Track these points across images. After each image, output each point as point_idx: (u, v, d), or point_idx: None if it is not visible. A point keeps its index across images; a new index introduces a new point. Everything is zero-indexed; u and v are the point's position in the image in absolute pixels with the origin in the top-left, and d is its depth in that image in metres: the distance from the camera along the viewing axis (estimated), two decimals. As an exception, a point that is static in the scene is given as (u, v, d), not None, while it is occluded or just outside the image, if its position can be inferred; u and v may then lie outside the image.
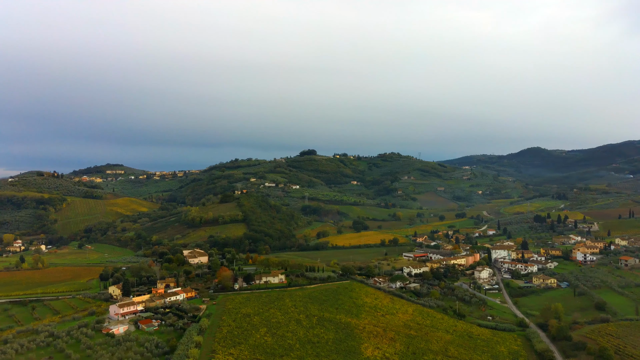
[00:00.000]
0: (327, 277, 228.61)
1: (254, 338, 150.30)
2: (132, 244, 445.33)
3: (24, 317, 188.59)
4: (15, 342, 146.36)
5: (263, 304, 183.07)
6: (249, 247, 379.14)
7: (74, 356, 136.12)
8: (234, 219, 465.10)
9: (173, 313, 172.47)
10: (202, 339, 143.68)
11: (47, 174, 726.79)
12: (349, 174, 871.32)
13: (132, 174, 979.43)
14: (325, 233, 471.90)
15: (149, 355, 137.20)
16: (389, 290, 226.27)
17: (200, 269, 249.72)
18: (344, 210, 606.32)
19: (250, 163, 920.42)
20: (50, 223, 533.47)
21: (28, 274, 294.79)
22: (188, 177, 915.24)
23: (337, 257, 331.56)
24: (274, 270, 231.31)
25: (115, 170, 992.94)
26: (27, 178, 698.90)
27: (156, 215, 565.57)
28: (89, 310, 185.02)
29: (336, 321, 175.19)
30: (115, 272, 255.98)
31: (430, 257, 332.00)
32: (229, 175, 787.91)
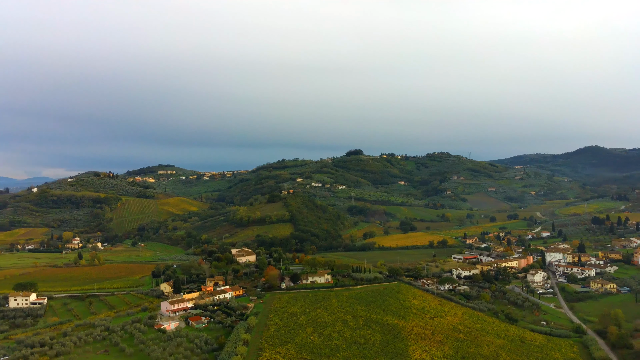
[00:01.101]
0: (374, 278, 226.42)
1: (301, 337, 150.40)
2: (182, 242, 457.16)
3: (82, 312, 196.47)
4: (73, 335, 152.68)
5: (310, 303, 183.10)
6: (295, 247, 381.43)
7: (128, 350, 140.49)
8: (280, 219, 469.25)
9: (222, 311, 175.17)
10: (249, 337, 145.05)
11: (104, 175, 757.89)
12: (396, 174, 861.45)
13: (183, 174, 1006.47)
14: (372, 234, 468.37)
15: (199, 351, 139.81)
16: (438, 293, 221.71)
17: (248, 268, 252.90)
18: (391, 210, 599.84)
19: (296, 163, 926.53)
20: (106, 222, 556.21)
21: (85, 270, 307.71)
22: (236, 177, 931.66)
23: (384, 258, 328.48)
24: (320, 270, 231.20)
25: (167, 171, 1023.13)
26: (85, 178, 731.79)
27: (205, 214, 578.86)
28: (142, 306, 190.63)
29: (383, 323, 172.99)
30: (167, 269, 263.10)
31: (480, 259, 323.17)
32: (276, 175, 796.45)
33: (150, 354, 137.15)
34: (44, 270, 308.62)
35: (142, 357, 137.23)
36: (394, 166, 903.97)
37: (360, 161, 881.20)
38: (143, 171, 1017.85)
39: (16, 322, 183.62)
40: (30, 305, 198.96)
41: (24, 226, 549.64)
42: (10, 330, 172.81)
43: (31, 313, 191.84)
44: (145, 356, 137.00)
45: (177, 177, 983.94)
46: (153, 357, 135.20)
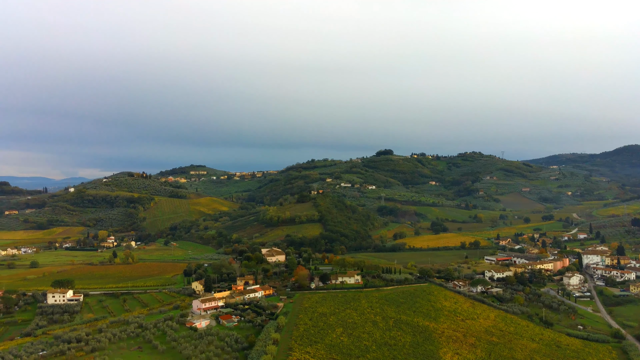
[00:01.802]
0: (404, 279, 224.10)
1: (330, 337, 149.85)
2: (213, 241, 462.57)
3: (116, 309, 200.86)
4: (108, 332, 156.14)
5: (339, 303, 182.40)
6: (324, 247, 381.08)
7: (160, 347, 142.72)
8: (310, 219, 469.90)
9: (252, 310, 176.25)
10: (279, 337, 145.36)
11: (137, 175, 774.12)
12: (427, 174, 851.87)
13: (214, 175, 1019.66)
14: (402, 234, 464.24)
15: (229, 349, 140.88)
16: (470, 295, 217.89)
17: (278, 267, 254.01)
18: (422, 211, 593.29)
19: (326, 163, 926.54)
20: (139, 221, 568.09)
21: (120, 268, 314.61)
22: (266, 177, 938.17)
23: (415, 259, 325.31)
24: (350, 271, 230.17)
25: (199, 171, 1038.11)
26: (119, 178, 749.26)
27: (236, 214, 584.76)
28: (174, 304, 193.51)
29: (413, 324, 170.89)
30: (198, 268, 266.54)
31: (514, 261, 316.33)
32: (306, 175, 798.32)
33: (182, 351, 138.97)
34: (80, 268, 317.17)
35: (174, 354, 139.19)
36: (425, 166, 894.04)
37: (390, 161, 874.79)
38: (175, 171, 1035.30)
39: (54, 318, 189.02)
40: (67, 302, 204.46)
41: (62, 225, 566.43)
42: (49, 326, 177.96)
43: (68, 309, 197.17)
44: (177, 354, 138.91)
45: (209, 177, 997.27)
46: (185, 354, 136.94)
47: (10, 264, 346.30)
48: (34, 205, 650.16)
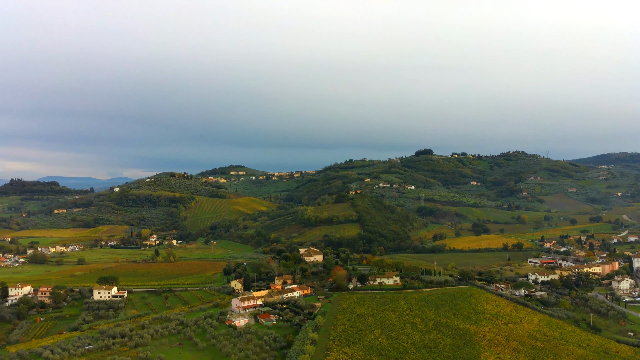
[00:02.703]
0: (444, 281, 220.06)
1: (369, 339, 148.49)
2: (252, 241, 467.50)
3: (158, 306, 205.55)
4: (151, 328, 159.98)
5: (377, 305, 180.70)
6: (362, 248, 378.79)
7: (200, 345, 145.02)
8: (348, 219, 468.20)
9: (290, 309, 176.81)
10: (317, 336, 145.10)
11: (178, 175, 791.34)
12: (468, 174, 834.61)
13: (253, 175, 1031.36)
14: (442, 235, 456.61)
15: (267, 348, 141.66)
16: (512, 298, 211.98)
17: (316, 267, 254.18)
18: (463, 212, 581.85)
19: (364, 163, 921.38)
20: (180, 220, 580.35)
21: (162, 266, 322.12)
22: (304, 177, 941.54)
23: (455, 261, 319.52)
24: (388, 272, 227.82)
25: (238, 171, 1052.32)
26: (161, 178, 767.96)
27: (274, 214, 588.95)
28: (214, 302, 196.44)
29: (454, 327, 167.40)
30: (237, 267, 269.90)
31: (559, 264, 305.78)
32: (344, 175, 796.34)
33: (221, 349, 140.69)
34: (124, 266, 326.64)
35: (213, 351, 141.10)
36: (466, 166, 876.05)
37: (430, 161, 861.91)
38: (215, 172, 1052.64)
39: (99, 314, 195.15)
40: (112, 298, 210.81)
41: (107, 223, 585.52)
42: (94, 321, 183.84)
43: (113, 305, 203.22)
44: (217, 351, 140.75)
45: (248, 177, 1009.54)
46: (224, 352, 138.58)
47: (59, 260, 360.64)
48: (81, 205, 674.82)
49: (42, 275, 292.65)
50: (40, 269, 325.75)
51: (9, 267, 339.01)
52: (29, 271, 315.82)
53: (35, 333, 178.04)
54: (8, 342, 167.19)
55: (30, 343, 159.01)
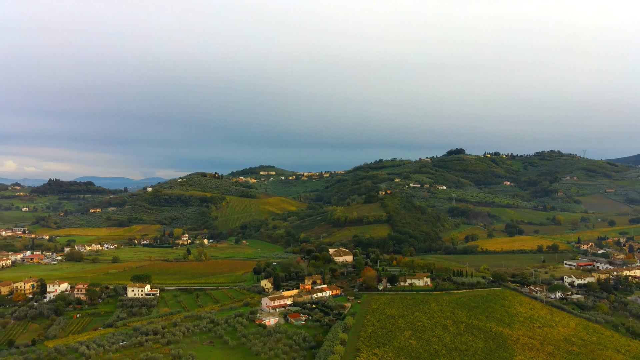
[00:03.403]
0: (476, 282, 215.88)
1: (399, 340, 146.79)
2: (281, 240, 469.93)
3: (190, 304, 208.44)
4: (182, 326, 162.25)
5: (408, 306, 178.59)
6: (392, 248, 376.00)
7: (231, 343, 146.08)
8: (377, 220, 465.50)
9: (319, 309, 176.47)
10: (347, 337, 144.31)
11: (209, 175, 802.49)
12: (501, 174, 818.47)
13: (283, 175, 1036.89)
14: (474, 236, 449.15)
15: (297, 348, 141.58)
16: (547, 301, 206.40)
17: (345, 268, 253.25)
18: (496, 212, 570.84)
19: (394, 163, 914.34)
20: (211, 219, 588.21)
21: (193, 265, 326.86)
22: (333, 177, 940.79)
23: (487, 263, 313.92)
24: (419, 273, 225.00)
25: (268, 171, 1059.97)
26: (192, 179, 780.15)
27: (304, 214, 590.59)
28: (244, 301, 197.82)
29: (486, 330, 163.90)
30: (267, 266, 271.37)
31: (597, 266, 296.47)
32: (373, 175, 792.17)
33: (251, 347, 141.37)
34: (157, 264, 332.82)
35: (244, 350, 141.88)
36: (499, 166, 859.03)
37: (461, 161, 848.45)
38: (245, 172, 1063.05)
39: (133, 311, 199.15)
40: (145, 296, 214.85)
41: (140, 223, 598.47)
42: (128, 318, 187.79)
43: (146, 303, 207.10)
44: (247, 350, 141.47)
45: (277, 177, 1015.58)
46: (254, 351, 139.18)
47: (95, 258, 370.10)
48: (116, 204, 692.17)
49: (78, 272, 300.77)
50: (77, 267, 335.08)
51: (47, 265, 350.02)
52: (66, 268, 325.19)
53: (72, 329, 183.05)
54: (46, 337, 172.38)
55: (67, 338, 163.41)
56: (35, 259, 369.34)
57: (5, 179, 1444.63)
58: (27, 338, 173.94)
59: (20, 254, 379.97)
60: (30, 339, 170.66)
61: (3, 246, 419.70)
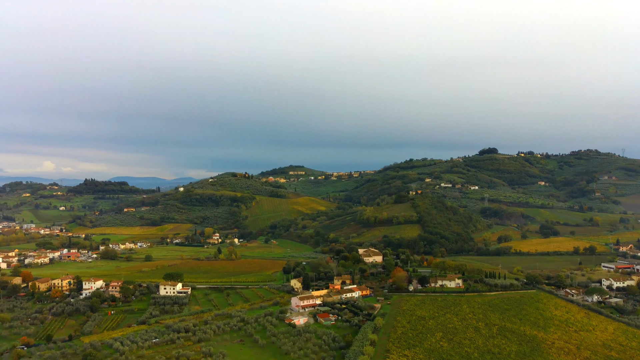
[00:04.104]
0: (510, 284, 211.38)
1: (429, 342, 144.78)
2: (311, 240, 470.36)
3: (220, 302, 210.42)
4: (213, 324, 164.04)
5: (439, 308, 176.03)
6: (423, 249, 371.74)
7: (261, 342, 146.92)
8: (408, 220, 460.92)
9: (349, 309, 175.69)
10: (376, 338, 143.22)
11: (240, 175, 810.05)
12: (536, 173, 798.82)
13: (312, 175, 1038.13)
14: (507, 237, 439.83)
15: (326, 348, 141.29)
16: (584, 304, 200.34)
17: (375, 268, 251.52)
18: (530, 213, 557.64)
19: (425, 163, 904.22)
20: (241, 219, 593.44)
21: (223, 264, 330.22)
22: (363, 177, 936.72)
23: (521, 264, 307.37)
24: (450, 274, 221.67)
25: (297, 171, 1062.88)
26: (223, 179, 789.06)
27: (333, 214, 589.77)
28: (274, 300, 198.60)
29: (520, 333, 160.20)
30: (296, 266, 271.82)
31: (636, 269, 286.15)
32: (403, 175, 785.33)
33: (281, 346, 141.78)
34: (188, 263, 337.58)
35: (273, 349, 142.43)
36: (533, 165, 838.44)
37: (494, 160, 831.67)
38: (275, 172, 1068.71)
39: (165, 309, 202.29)
40: (177, 294, 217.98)
41: (172, 222, 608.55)
42: (160, 316, 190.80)
43: (177, 301, 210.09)
44: (277, 349, 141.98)
45: (307, 177, 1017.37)
46: (284, 350, 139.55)
47: (129, 257, 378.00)
48: (149, 204, 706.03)
49: (112, 270, 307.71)
50: (111, 265, 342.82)
51: (83, 262, 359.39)
52: (101, 266, 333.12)
53: (106, 325, 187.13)
54: (82, 332, 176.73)
55: (102, 335, 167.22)
56: (72, 256, 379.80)
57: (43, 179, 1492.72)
58: (64, 333, 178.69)
59: (57, 251, 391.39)
60: (67, 334, 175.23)
61: (42, 244, 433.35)
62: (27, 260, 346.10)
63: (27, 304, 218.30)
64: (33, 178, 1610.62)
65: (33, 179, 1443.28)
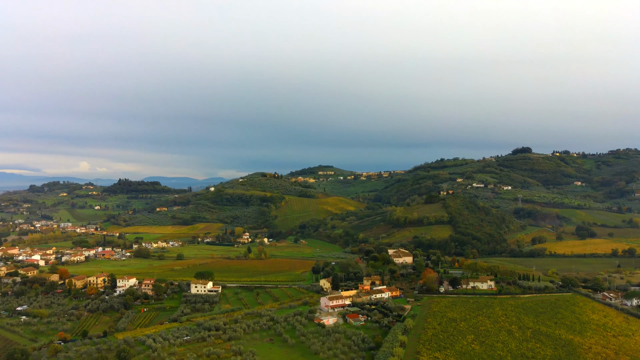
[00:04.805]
0: (544, 287, 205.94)
1: (461, 344, 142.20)
2: (340, 240, 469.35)
3: (250, 301, 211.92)
4: (243, 323, 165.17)
5: (470, 310, 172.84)
6: (454, 250, 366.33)
7: (290, 341, 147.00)
8: (439, 220, 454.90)
9: (378, 310, 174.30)
10: (406, 339, 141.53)
11: (269, 175, 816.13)
12: (571, 173, 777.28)
13: (341, 175, 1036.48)
14: (542, 239, 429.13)
15: (356, 348, 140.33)
16: (623, 308, 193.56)
17: (405, 269, 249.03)
18: (565, 214, 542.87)
19: (456, 163, 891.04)
20: (271, 219, 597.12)
21: (253, 263, 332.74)
22: (393, 177, 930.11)
23: (556, 266, 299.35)
24: (482, 276, 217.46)
25: (326, 171, 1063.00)
26: (253, 179, 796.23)
27: (362, 214, 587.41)
28: (303, 300, 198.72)
29: (555, 337, 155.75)
30: (326, 266, 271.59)
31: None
32: (434, 175, 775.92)
33: (310, 346, 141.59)
34: (219, 262, 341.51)
35: (302, 349, 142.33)
36: (569, 165, 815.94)
37: (528, 160, 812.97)
38: (304, 172, 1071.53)
39: (196, 307, 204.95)
40: (207, 293, 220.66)
41: (203, 221, 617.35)
42: (192, 314, 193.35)
43: (208, 299, 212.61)
44: (306, 348, 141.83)
45: (336, 177, 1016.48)
46: (313, 350, 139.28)
47: (161, 255, 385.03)
48: (180, 203, 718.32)
49: (145, 268, 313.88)
50: (144, 263, 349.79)
51: (117, 260, 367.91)
52: (134, 264, 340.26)
53: (139, 322, 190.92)
54: (116, 329, 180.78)
55: (135, 331, 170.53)
56: (106, 254, 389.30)
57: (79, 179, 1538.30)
58: (99, 329, 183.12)
59: (93, 250, 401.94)
60: (102, 330, 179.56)
61: (78, 242, 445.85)
62: (64, 258, 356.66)
63: (64, 300, 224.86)
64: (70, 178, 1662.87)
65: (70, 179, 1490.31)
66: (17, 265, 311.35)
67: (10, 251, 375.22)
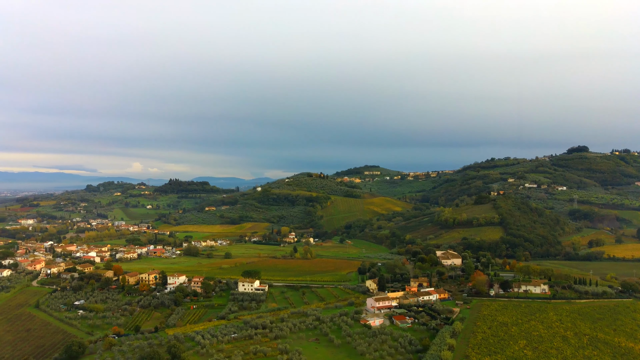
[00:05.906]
0: (602, 292, 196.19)
1: (512, 349, 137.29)
2: (386, 241, 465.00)
3: (296, 300, 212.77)
4: (289, 322, 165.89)
5: (522, 314, 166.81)
6: (505, 252, 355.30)
7: (336, 341, 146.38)
8: (489, 222, 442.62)
9: (426, 312, 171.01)
10: (455, 343, 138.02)
11: (315, 175, 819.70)
12: (633, 173, 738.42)
13: (387, 175, 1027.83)
14: (599, 242, 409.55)
15: (402, 350, 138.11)
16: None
17: (453, 271, 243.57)
18: (625, 216, 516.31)
19: (507, 162, 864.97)
20: (317, 219, 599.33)
21: (299, 263, 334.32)
22: (441, 177, 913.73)
23: (615, 271, 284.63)
24: (535, 279, 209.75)
25: (372, 171, 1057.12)
26: (299, 179, 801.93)
27: (409, 214, 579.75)
28: (349, 301, 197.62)
29: (614, 344, 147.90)
30: (372, 267, 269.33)
31: None
32: (484, 175, 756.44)
33: (356, 347, 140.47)
34: (265, 261, 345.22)
35: (348, 349, 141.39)
36: (629, 164, 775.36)
37: (584, 159, 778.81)
38: (350, 172, 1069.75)
39: (243, 305, 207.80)
40: (254, 291, 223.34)
41: (250, 220, 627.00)
42: (239, 311, 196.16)
43: (255, 298, 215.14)
44: (352, 349, 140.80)
45: (382, 177, 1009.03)
46: (359, 350, 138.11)
47: (209, 254, 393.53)
48: (228, 203, 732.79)
49: (194, 266, 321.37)
50: (193, 261, 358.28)
51: (167, 258, 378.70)
52: (184, 262, 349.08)
53: (189, 319, 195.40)
54: (167, 325, 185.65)
55: (184, 328, 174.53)
56: (158, 252, 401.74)
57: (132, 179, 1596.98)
58: (151, 325, 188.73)
59: (144, 247, 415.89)
60: (153, 326, 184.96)
61: (131, 240, 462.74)
62: (117, 255, 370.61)
63: (118, 296, 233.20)
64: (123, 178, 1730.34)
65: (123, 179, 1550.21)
66: (75, 261, 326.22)
67: (69, 248, 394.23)
